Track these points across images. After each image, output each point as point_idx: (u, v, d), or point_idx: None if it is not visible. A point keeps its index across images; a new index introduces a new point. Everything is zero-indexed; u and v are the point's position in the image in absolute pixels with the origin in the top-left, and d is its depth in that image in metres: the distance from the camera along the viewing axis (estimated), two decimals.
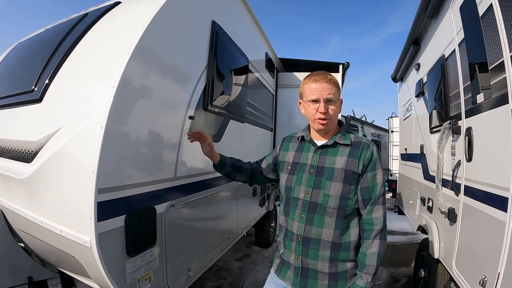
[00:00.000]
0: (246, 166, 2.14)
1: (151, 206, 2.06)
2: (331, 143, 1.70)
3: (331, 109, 1.65)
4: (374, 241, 1.60)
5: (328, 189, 1.63)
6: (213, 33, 2.76)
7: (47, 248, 2.17)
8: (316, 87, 1.65)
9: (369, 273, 1.57)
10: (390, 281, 4.67)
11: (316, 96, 1.64)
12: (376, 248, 1.59)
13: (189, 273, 2.57)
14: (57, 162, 1.85)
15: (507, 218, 1.80)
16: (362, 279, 1.58)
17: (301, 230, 1.67)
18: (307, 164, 1.73)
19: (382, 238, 1.61)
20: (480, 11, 2.19)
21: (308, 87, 1.69)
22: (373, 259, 1.58)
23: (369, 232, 1.62)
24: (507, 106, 1.83)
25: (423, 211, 3.93)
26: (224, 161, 2.12)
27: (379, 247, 1.60)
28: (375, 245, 1.60)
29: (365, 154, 1.64)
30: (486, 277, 2.01)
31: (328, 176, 1.65)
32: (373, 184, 1.64)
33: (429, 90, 3.87)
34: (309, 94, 1.67)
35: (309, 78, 1.70)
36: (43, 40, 2.82)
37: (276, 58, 5.73)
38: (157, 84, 2.07)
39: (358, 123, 14.38)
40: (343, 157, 1.66)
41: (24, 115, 2.34)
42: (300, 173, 1.74)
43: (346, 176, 1.63)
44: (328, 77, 1.66)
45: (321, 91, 1.63)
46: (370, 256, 1.59)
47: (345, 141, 1.69)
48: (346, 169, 1.63)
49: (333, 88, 1.65)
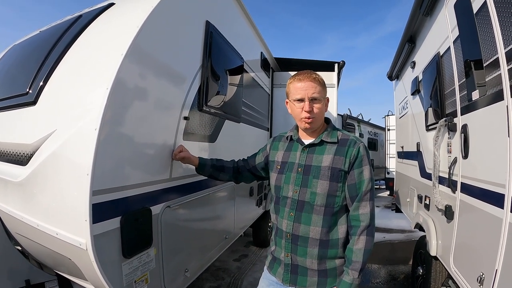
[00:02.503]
0: (228, 165, 2.18)
1: (147, 207, 2.05)
2: (318, 142, 1.72)
3: (316, 108, 1.67)
4: (361, 238, 1.60)
5: (315, 187, 1.65)
6: (207, 33, 2.75)
7: (44, 251, 2.16)
8: (301, 86, 1.66)
9: (355, 269, 1.57)
10: (388, 279, 4.68)
11: (301, 96, 1.66)
12: (362, 245, 1.59)
13: (186, 274, 2.56)
14: (52, 164, 1.84)
15: (504, 215, 1.80)
16: (349, 275, 1.58)
17: (289, 227, 1.69)
18: (295, 163, 1.75)
19: (368, 234, 1.61)
20: (475, 8, 2.19)
21: (293, 86, 1.71)
22: (359, 255, 1.58)
23: (355, 228, 1.63)
24: (502, 103, 1.83)
25: (420, 208, 3.94)
26: (203, 163, 2.18)
27: (366, 243, 1.59)
28: (361, 241, 1.60)
29: (351, 151, 1.65)
30: (484, 273, 2.01)
31: (315, 175, 1.66)
32: (359, 181, 1.65)
33: (424, 88, 3.88)
34: (294, 94, 1.70)
35: (294, 78, 1.72)
36: (38, 43, 2.81)
37: (271, 58, 5.73)
38: (151, 84, 2.06)
39: (354, 121, 14.38)
40: (330, 155, 1.67)
41: (18, 117, 2.33)
42: (289, 172, 1.76)
43: (332, 174, 1.64)
44: (312, 76, 1.68)
45: (305, 90, 1.65)
46: (356, 252, 1.59)
47: (332, 139, 1.71)
48: (333, 166, 1.65)
49: (318, 86, 1.67)
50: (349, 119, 13.71)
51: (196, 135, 2.67)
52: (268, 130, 5.77)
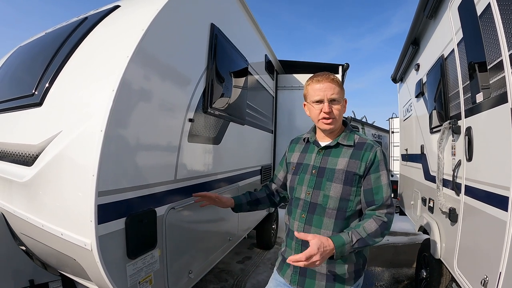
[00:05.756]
0: (261, 195, 2.10)
1: (152, 208, 2.05)
2: (334, 144, 1.71)
3: (335, 109, 1.65)
4: (373, 224, 1.55)
5: (328, 190, 1.63)
6: (212, 35, 2.77)
7: (48, 251, 2.17)
8: (319, 87, 1.65)
9: (355, 235, 1.51)
10: (392, 282, 4.66)
11: (320, 97, 1.64)
12: (371, 228, 1.53)
13: (190, 275, 2.57)
14: (57, 165, 1.85)
15: (508, 217, 1.79)
16: (348, 236, 1.51)
17: (300, 229, 1.68)
18: (310, 165, 1.75)
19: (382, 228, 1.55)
20: (478, 11, 2.20)
21: (311, 88, 1.69)
22: (363, 231, 1.52)
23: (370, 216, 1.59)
24: (506, 105, 1.83)
25: (424, 211, 3.93)
26: (239, 203, 2.07)
27: (375, 231, 1.54)
28: (373, 226, 1.54)
29: (367, 155, 1.63)
30: (488, 276, 2.00)
31: (329, 177, 1.65)
32: (377, 186, 1.61)
33: (428, 90, 3.87)
34: (312, 95, 1.68)
35: (312, 79, 1.70)
36: (43, 44, 2.83)
37: (275, 60, 5.74)
38: (157, 86, 2.07)
39: (358, 124, 14.36)
40: (345, 158, 1.66)
41: (24, 118, 2.35)
42: (303, 173, 1.75)
43: (346, 178, 1.62)
44: (331, 77, 1.66)
45: (324, 91, 1.63)
46: (364, 228, 1.54)
47: (349, 142, 1.69)
48: (347, 170, 1.63)
49: (337, 87, 1.65)
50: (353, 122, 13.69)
51: (201, 137, 2.68)
52: (272, 133, 5.77)
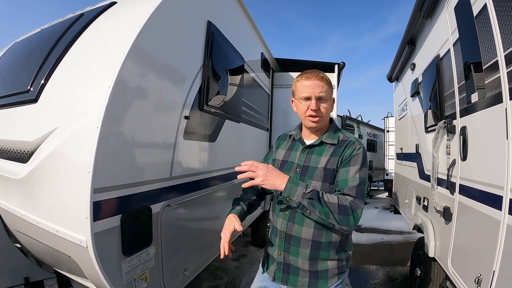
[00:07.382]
0: (251, 197, 2.01)
1: (147, 205, 2.05)
2: (318, 143, 1.71)
3: (322, 107, 1.65)
4: (335, 197, 1.50)
5: None
6: (209, 33, 2.76)
7: (44, 249, 2.16)
8: (308, 84, 1.64)
9: (313, 190, 1.49)
10: (386, 280, 4.69)
11: (308, 94, 1.64)
12: (333, 199, 1.49)
13: (185, 272, 2.57)
14: (53, 162, 1.84)
15: (502, 216, 1.81)
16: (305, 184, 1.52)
17: (284, 226, 1.68)
18: (294, 163, 1.74)
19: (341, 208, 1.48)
20: (475, 11, 2.20)
21: (300, 84, 1.69)
22: (322, 194, 1.50)
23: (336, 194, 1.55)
24: (501, 105, 1.85)
25: (419, 210, 3.95)
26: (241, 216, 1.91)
27: (333, 202, 1.48)
28: (334, 197, 1.50)
29: (345, 152, 1.62)
30: (482, 275, 2.02)
31: (310, 175, 1.65)
32: (344, 179, 1.57)
33: (424, 90, 3.89)
34: (301, 92, 1.67)
35: (302, 76, 1.70)
36: (39, 40, 2.81)
37: (271, 58, 5.75)
38: (153, 84, 2.07)
39: (354, 123, 14.39)
40: (327, 157, 1.65)
41: (20, 115, 2.33)
42: (287, 171, 1.73)
43: (325, 175, 1.61)
44: (320, 75, 1.66)
45: (313, 88, 1.63)
46: (325, 193, 1.51)
47: (332, 140, 1.69)
48: (327, 167, 1.62)
49: (325, 86, 1.65)
50: (348, 120, 13.73)
51: (197, 134, 2.68)
52: (267, 131, 5.78)
